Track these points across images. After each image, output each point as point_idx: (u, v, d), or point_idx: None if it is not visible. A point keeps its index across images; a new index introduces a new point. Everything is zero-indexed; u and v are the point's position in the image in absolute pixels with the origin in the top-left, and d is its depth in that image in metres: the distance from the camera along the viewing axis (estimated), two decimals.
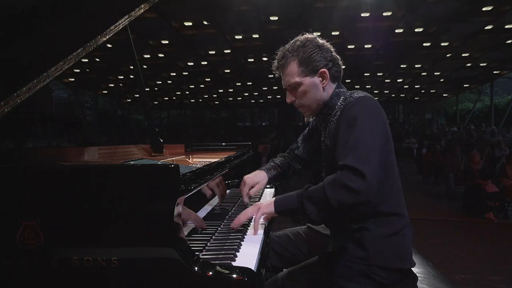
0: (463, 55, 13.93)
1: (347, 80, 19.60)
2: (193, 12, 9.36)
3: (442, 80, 19.67)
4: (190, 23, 10.17)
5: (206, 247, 1.19)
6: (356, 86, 21.62)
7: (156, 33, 10.96)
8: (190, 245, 1.03)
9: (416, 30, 10.85)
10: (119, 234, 0.98)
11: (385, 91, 24.32)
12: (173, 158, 2.19)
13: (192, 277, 0.95)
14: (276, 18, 9.80)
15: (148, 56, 13.52)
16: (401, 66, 15.85)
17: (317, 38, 1.43)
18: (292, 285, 1.31)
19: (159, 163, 1.23)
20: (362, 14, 9.44)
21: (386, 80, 19.62)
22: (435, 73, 17.63)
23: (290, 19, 9.94)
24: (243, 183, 1.62)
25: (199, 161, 2.35)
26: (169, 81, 18.97)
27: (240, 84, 20.25)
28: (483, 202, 5.74)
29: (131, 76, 15.96)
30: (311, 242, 1.62)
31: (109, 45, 10.43)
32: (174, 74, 17.28)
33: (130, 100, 26.36)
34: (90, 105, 28.51)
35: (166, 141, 2.49)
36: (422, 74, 17.67)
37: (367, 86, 21.61)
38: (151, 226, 0.97)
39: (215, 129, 25.25)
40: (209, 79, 18.62)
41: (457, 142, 11.49)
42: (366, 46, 12.60)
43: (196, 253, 1.03)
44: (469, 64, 15.53)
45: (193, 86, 20.98)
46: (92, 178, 1.00)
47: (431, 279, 1.50)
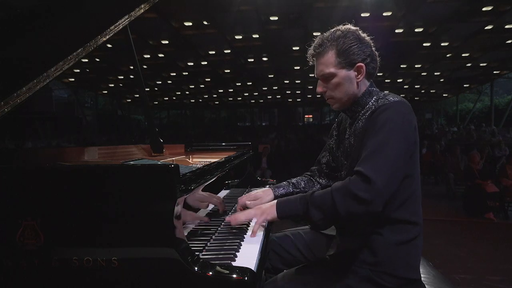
0: (463, 55, 13.91)
1: None
2: (193, 12, 9.35)
3: (442, 80, 19.65)
4: (190, 23, 10.16)
5: (206, 247, 1.19)
6: None
7: (156, 33, 10.95)
8: (190, 245, 1.03)
9: (416, 30, 10.83)
10: (119, 234, 0.98)
11: (385, 91, 24.28)
12: (173, 158, 2.19)
13: (192, 277, 0.95)
14: (276, 18, 9.79)
15: (148, 56, 13.50)
16: (401, 66, 15.83)
17: (359, 31, 1.38)
18: (292, 286, 1.31)
19: (159, 163, 1.23)
20: (362, 14, 9.43)
21: (386, 80, 19.60)
22: (435, 73, 17.61)
23: (290, 19, 9.93)
24: (248, 194, 1.58)
25: (199, 161, 2.36)
26: (169, 81, 18.95)
27: (240, 84, 20.23)
28: (483, 202, 5.74)
29: (131, 76, 15.94)
30: (312, 243, 1.62)
31: (109, 45, 10.42)
32: (174, 74, 17.27)
33: (130, 100, 26.34)
34: (90, 105, 28.51)
35: (166, 141, 2.49)
36: (422, 74, 17.65)
37: None
38: (151, 226, 0.97)
39: (215, 129, 25.25)
40: (209, 79, 18.60)
41: (457, 142, 11.48)
42: None
43: (196, 253, 1.03)
44: (469, 64, 15.51)
45: (193, 86, 20.96)
46: (92, 178, 1.00)
47: (432, 279, 1.50)
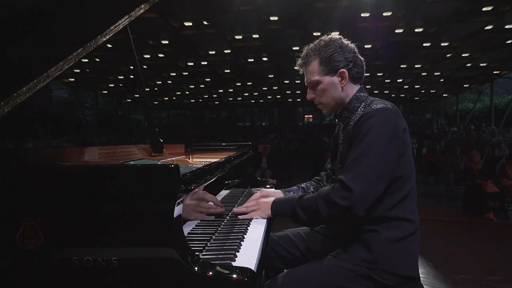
0: (463, 55, 13.92)
1: None
2: (193, 12, 9.36)
3: (442, 80, 19.66)
4: (190, 23, 10.16)
5: (206, 247, 1.19)
6: None
7: (156, 33, 10.96)
8: (190, 245, 1.03)
9: (416, 30, 10.84)
10: (119, 234, 0.98)
11: (385, 91, 24.30)
12: (173, 158, 2.19)
13: (192, 277, 0.95)
14: (276, 18, 9.79)
15: (148, 56, 13.51)
16: (401, 66, 15.84)
17: (342, 39, 1.47)
18: (292, 286, 1.31)
19: (159, 163, 1.23)
20: (362, 14, 9.43)
21: (386, 80, 19.61)
22: (435, 73, 17.62)
23: (290, 19, 9.93)
24: (259, 192, 1.64)
25: (199, 161, 2.36)
26: (169, 81, 18.96)
27: (240, 84, 20.23)
28: (483, 202, 5.75)
29: (131, 76, 15.95)
30: (312, 243, 1.62)
31: (109, 45, 10.43)
32: (174, 74, 17.27)
33: (130, 100, 26.35)
34: (90, 105, 28.52)
35: (166, 141, 2.49)
36: (422, 74, 17.66)
37: (367, 86, 21.59)
38: (151, 226, 0.97)
39: (215, 129, 25.25)
40: (209, 79, 18.61)
41: (457, 142, 11.49)
42: (366, 46, 12.58)
43: (196, 253, 1.03)
44: (469, 64, 15.51)
45: (193, 86, 20.96)
46: (92, 178, 1.00)
47: (431, 279, 1.50)
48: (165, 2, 7.96)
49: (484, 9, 9.10)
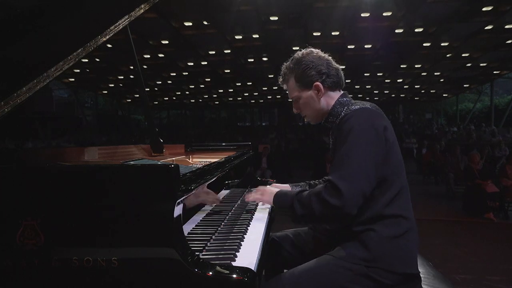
0: (463, 55, 13.91)
1: (347, 80, 19.42)
2: (193, 12, 9.36)
3: (442, 80, 19.65)
4: (190, 23, 10.16)
5: (206, 247, 1.19)
6: (356, 86, 21.61)
7: (156, 33, 10.95)
8: (190, 245, 1.03)
9: (416, 30, 10.83)
10: (119, 234, 0.98)
11: (385, 91, 24.30)
12: (173, 158, 2.19)
13: (192, 277, 0.95)
14: (276, 18, 9.79)
15: (148, 56, 13.50)
16: (401, 66, 15.83)
17: (313, 53, 1.53)
18: (292, 286, 1.31)
19: (159, 163, 1.23)
20: (362, 14, 9.43)
21: (386, 80, 19.60)
22: (435, 73, 17.61)
23: (290, 19, 9.93)
24: (268, 187, 1.70)
25: (199, 161, 2.36)
26: (169, 81, 18.95)
27: (240, 84, 20.23)
28: (483, 202, 5.74)
29: (131, 76, 15.94)
30: (311, 243, 1.62)
31: (109, 45, 10.42)
32: (174, 74, 17.27)
33: (130, 100, 26.34)
34: (90, 105, 28.51)
35: (166, 141, 2.49)
36: (422, 74, 17.65)
37: (367, 86, 21.60)
38: (151, 226, 0.98)
39: (215, 129, 25.25)
40: (209, 79, 18.60)
41: (457, 142, 11.50)
42: (366, 46, 12.58)
43: (196, 253, 1.03)
44: (469, 64, 15.51)
45: (193, 86, 20.96)
46: (92, 178, 1.00)
47: (431, 279, 1.50)
48: (165, 2, 7.96)
49: (484, 9, 9.10)
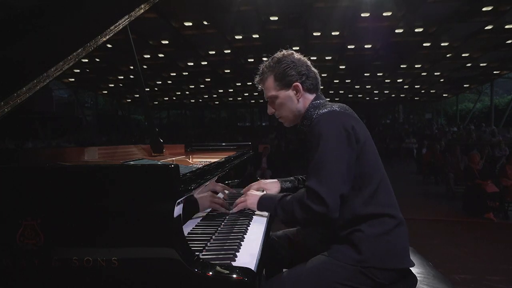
0: (463, 55, 13.91)
1: (347, 80, 19.59)
2: (193, 12, 9.36)
3: (442, 80, 19.65)
4: (190, 23, 10.16)
5: (206, 247, 1.19)
6: (356, 86, 21.61)
7: (156, 33, 10.95)
8: (190, 245, 1.03)
9: (416, 30, 10.83)
10: (119, 234, 0.98)
11: (385, 91, 24.30)
12: (173, 158, 2.19)
13: (192, 277, 0.95)
14: (276, 18, 9.79)
15: (148, 56, 13.50)
16: (401, 66, 15.83)
17: (294, 54, 1.53)
18: (292, 286, 1.31)
19: (159, 163, 1.23)
20: (362, 14, 9.43)
21: (386, 80, 19.60)
22: (435, 73, 17.61)
23: (290, 19, 9.93)
24: (258, 182, 1.78)
25: (199, 161, 2.36)
26: (169, 81, 18.95)
27: (240, 84, 20.23)
28: (483, 202, 5.74)
29: (131, 76, 15.94)
30: (311, 243, 1.62)
31: (109, 45, 10.42)
32: (174, 74, 17.27)
33: (130, 100, 26.34)
34: (90, 105, 28.49)
35: (166, 141, 2.49)
36: (422, 74, 17.65)
37: (367, 86, 21.60)
38: (151, 226, 0.98)
39: (215, 129, 25.24)
40: (209, 79, 18.60)
41: (457, 142, 11.49)
42: (366, 46, 12.58)
43: (196, 253, 1.03)
44: (469, 64, 15.50)
45: (193, 86, 20.96)
46: (92, 178, 1.00)
47: (431, 279, 1.50)
48: (165, 2, 7.96)
49: (484, 9, 9.10)
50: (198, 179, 1.27)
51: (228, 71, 16.65)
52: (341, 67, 16.04)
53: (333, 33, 11.01)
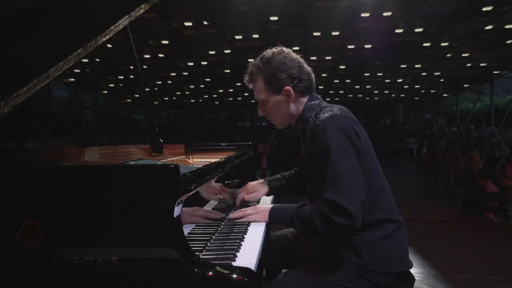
0: (463, 55, 13.91)
1: (347, 80, 19.60)
2: (193, 12, 9.36)
3: (442, 80, 19.66)
4: (190, 23, 10.17)
5: (206, 247, 1.19)
6: (356, 86, 21.61)
7: (156, 33, 10.96)
8: (190, 245, 1.03)
9: (416, 30, 10.84)
10: (119, 234, 0.98)
11: (385, 91, 24.31)
12: (173, 158, 2.19)
13: (192, 277, 0.95)
14: (276, 18, 9.79)
15: (148, 56, 13.51)
16: (401, 66, 15.84)
17: (285, 53, 1.43)
18: (292, 286, 1.31)
19: (159, 163, 1.23)
20: (362, 14, 9.43)
21: (386, 80, 19.61)
22: (435, 73, 17.61)
23: (290, 19, 9.93)
24: (244, 187, 1.71)
25: (199, 161, 2.35)
26: (169, 81, 18.96)
27: (240, 84, 20.20)
28: (483, 202, 5.74)
29: (131, 76, 15.94)
30: (311, 243, 1.62)
31: (109, 45, 10.42)
32: (174, 74, 17.27)
33: (130, 100, 26.34)
34: (90, 105, 28.50)
35: (166, 141, 2.49)
36: (422, 74, 17.65)
37: (367, 86, 21.60)
38: (151, 226, 0.97)
39: (215, 129, 25.24)
40: (209, 79, 18.61)
41: (457, 142, 11.48)
42: (366, 46, 12.59)
43: (196, 253, 1.03)
44: (469, 64, 15.51)
45: (193, 86, 20.96)
46: (92, 178, 1.00)
47: (431, 279, 1.50)
48: (165, 2, 7.96)
49: (484, 9, 9.10)
50: (198, 179, 1.27)
51: (228, 71, 16.65)
52: (341, 67, 16.04)
53: (333, 33, 11.02)
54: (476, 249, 4.21)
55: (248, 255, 1.13)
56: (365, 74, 17.82)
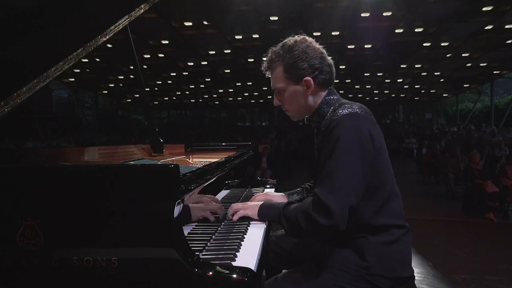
0: (463, 55, 13.91)
1: (347, 80, 19.58)
2: (193, 12, 9.35)
3: (442, 80, 19.65)
4: (190, 23, 10.16)
5: (206, 247, 1.19)
6: (356, 86, 21.60)
7: (156, 33, 10.95)
8: (190, 245, 1.03)
9: (416, 30, 10.83)
10: (119, 234, 0.98)
11: (385, 91, 24.30)
12: (173, 158, 2.19)
13: (192, 277, 0.95)
14: (276, 18, 9.79)
15: (148, 56, 13.50)
16: (401, 66, 15.83)
17: (307, 42, 1.39)
18: (292, 286, 1.31)
19: (159, 163, 1.23)
20: (362, 14, 9.43)
21: (386, 80, 19.60)
22: (435, 73, 17.60)
23: (290, 19, 9.93)
24: (263, 194, 1.68)
25: (199, 161, 2.36)
26: (169, 81, 18.95)
27: (240, 84, 20.23)
28: (483, 202, 5.74)
29: (131, 76, 15.94)
30: (311, 244, 1.61)
31: (109, 45, 10.42)
32: (174, 74, 17.27)
33: (130, 100, 26.34)
34: (90, 105, 28.50)
35: (166, 141, 2.49)
36: (422, 74, 17.65)
37: (367, 86, 21.59)
38: (151, 226, 0.97)
39: (215, 129, 25.24)
40: (209, 79, 18.60)
41: (457, 142, 11.50)
42: (366, 46, 12.58)
43: (196, 253, 1.03)
44: (469, 64, 15.50)
45: (193, 86, 20.95)
46: (92, 178, 1.00)
47: (431, 279, 1.50)
48: (165, 2, 7.95)
49: (484, 9, 9.10)
50: (198, 179, 1.27)
51: (228, 71, 16.65)
52: (341, 67, 16.03)
53: (333, 33, 11.00)
54: (476, 249, 4.21)
55: (248, 255, 1.12)
56: (365, 74, 17.81)
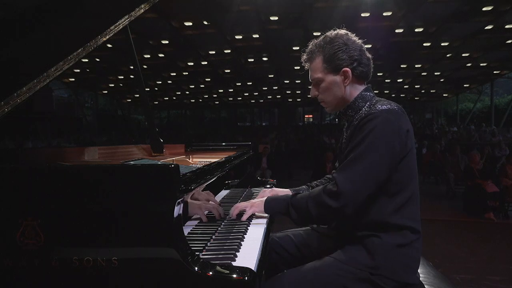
0: (463, 55, 13.92)
1: None
2: (193, 12, 9.36)
3: (442, 80, 19.66)
4: (190, 23, 10.16)
5: (206, 247, 1.19)
6: None
7: (156, 33, 10.95)
8: (190, 245, 1.03)
9: (416, 30, 10.84)
10: (119, 234, 0.98)
11: (385, 91, 24.29)
12: (173, 158, 2.19)
13: (192, 277, 0.95)
14: (276, 18, 9.79)
15: (148, 56, 13.51)
16: (401, 66, 15.84)
17: (348, 35, 1.44)
18: (292, 286, 1.31)
19: (159, 163, 1.23)
20: (362, 14, 9.43)
21: (386, 80, 19.60)
22: (435, 73, 17.62)
23: (290, 19, 9.93)
24: (270, 190, 1.69)
25: (199, 161, 2.36)
26: (169, 81, 18.96)
27: (240, 84, 20.24)
28: (483, 202, 5.74)
29: (131, 76, 15.94)
30: (312, 244, 1.61)
31: (109, 45, 10.42)
32: (174, 74, 17.27)
33: (130, 100, 26.34)
34: (90, 105, 28.52)
35: (166, 141, 2.49)
36: (422, 74, 17.66)
37: None
38: (151, 226, 0.97)
39: (215, 129, 25.24)
40: (209, 79, 18.61)
41: (457, 142, 11.49)
42: (366, 46, 12.46)
43: (196, 253, 1.03)
44: (469, 64, 15.51)
45: (193, 86, 20.96)
46: (92, 178, 1.00)
47: (431, 279, 1.50)
48: (165, 2, 7.96)
49: (484, 9, 9.10)
50: (198, 179, 1.27)
51: (228, 71, 16.65)
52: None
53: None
54: (476, 249, 4.21)
55: (248, 255, 1.12)
56: None
